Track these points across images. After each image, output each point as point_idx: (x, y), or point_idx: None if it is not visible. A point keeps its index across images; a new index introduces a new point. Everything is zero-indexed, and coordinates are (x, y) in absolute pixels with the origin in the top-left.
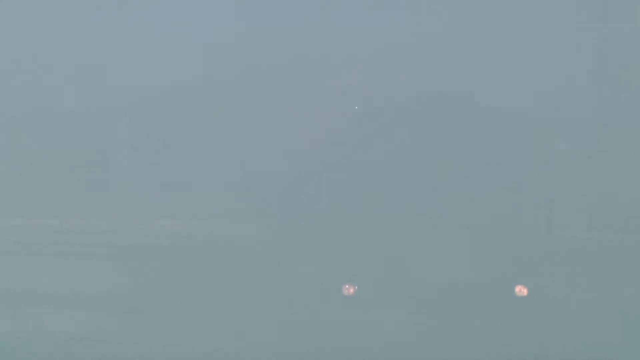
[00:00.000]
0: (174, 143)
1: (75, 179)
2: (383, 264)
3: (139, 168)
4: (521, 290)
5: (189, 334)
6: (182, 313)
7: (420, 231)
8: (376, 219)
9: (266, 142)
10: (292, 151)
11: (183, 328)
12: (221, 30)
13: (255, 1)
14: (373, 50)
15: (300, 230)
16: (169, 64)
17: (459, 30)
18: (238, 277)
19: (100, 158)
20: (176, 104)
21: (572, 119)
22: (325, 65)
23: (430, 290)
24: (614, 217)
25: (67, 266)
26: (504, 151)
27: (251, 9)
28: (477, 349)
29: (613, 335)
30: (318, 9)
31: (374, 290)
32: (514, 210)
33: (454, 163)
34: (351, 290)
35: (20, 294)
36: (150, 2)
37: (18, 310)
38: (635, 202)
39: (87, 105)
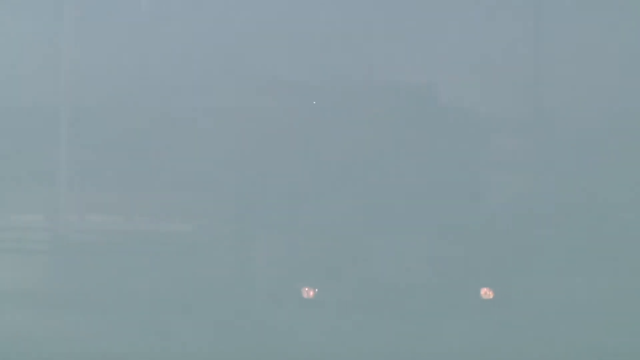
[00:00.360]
0: (110, 141)
1: (12, 176)
2: (343, 264)
3: (76, 166)
4: (487, 292)
5: (120, 328)
6: (113, 306)
7: (380, 231)
8: (335, 219)
9: (208, 140)
10: (239, 149)
11: (115, 322)
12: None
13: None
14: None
15: (233, 228)
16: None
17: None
18: (172, 272)
19: (39, 156)
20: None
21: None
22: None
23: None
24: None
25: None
26: (460, 150)
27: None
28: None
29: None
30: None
31: (331, 292)
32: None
33: (414, 164)
34: (311, 293)
35: None
36: None
37: None
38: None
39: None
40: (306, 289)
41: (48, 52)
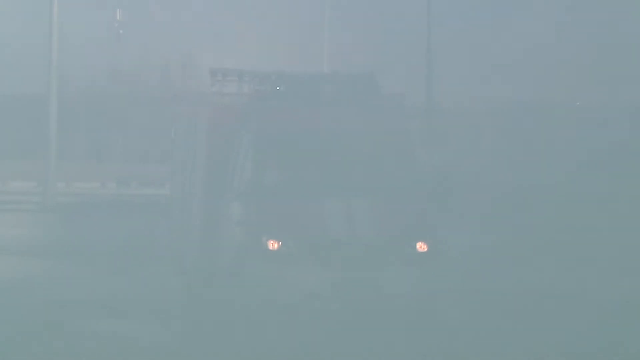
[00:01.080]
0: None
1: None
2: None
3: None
4: (422, 246)
5: (101, 277)
6: (91, 256)
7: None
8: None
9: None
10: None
11: (95, 272)
12: None
13: None
14: None
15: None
16: None
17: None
18: (146, 229)
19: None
20: None
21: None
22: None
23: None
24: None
25: (4, 220)
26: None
27: None
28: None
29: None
30: None
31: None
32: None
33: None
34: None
35: None
36: None
37: None
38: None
39: None
40: (271, 242)
41: None
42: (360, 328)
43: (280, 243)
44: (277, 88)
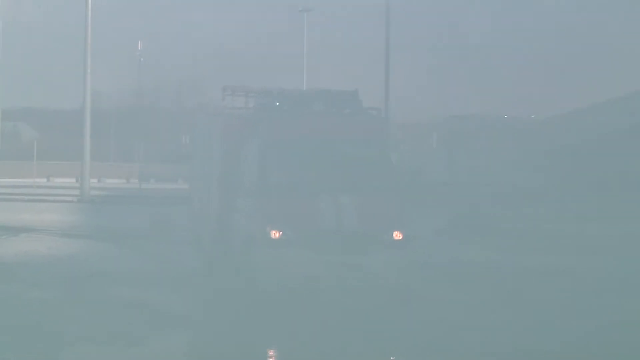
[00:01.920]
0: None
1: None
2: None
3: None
4: (397, 235)
5: (127, 254)
6: (120, 237)
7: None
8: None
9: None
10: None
11: (123, 249)
12: None
13: None
14: None
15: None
16: None
17: None
18: (162, 216)
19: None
20: None
21: None
22: None
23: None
24: None
25: (50, 208)
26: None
27: None
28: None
29: None
30: None
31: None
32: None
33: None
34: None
35: (19, 224)
36: None
37: (17, 235)
38: None
39: None
40: (274, 231)
41: None
42: (349, 303)
43: (281, 232)
44: (277, 102)
